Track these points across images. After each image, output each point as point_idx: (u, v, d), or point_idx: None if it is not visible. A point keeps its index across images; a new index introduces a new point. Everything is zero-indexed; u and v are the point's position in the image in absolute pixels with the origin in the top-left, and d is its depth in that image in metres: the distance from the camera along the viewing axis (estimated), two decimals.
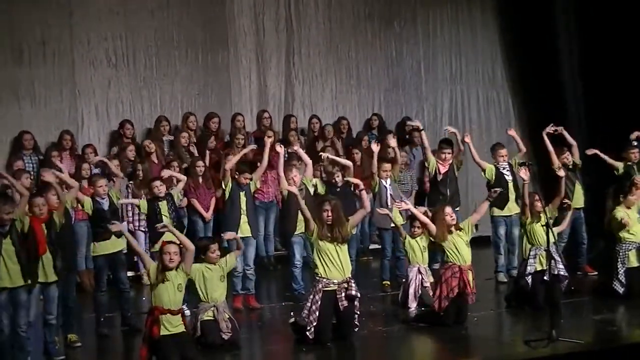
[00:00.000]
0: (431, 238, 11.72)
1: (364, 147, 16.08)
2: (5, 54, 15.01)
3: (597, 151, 14.37)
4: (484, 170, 14.07)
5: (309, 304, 10.60)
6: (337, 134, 16.64)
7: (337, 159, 13.74)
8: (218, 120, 15.81)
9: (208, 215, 14.66)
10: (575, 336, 10.52)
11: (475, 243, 13.72)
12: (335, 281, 10.63)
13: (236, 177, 12.76)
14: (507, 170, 13.98)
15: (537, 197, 11.97)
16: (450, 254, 11.30)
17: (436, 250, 12.37)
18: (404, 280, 12.76)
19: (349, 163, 13.59)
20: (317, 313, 10.51)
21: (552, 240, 11.23)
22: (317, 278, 10.67)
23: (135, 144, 15.12)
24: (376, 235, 16.23)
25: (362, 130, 17.16)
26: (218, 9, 16.61)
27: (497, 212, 13.91)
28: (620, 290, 12.40)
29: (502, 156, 14.09)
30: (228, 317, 10.69)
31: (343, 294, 10.62)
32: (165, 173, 12.99)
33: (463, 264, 11.24)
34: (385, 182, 13.53)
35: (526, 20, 18.27)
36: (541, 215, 11.76)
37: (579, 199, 14.30)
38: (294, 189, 11.46)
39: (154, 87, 16.06)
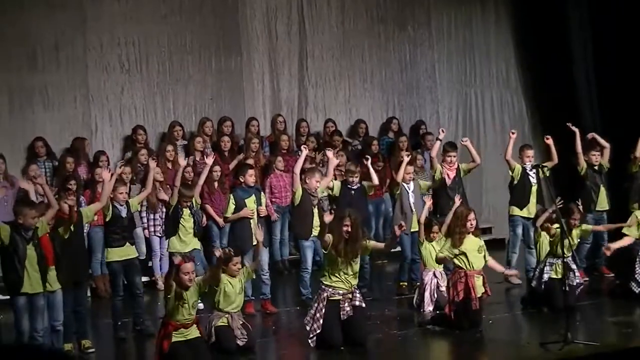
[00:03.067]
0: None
1: (374, 152, 16.04)
2: (19, 60, 15.04)
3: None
4: (512, 169, 13.97)
5: (312, 311, 10.65)
6: (355, 136, 16.63)
7: (372, 172, 13.63)
8: (231, 124, 15.80)
9: (222, 220, 14.63)
10: (591, 338, 10.50)
11: (490, 245, 13.73)
12: (340, 292, 10.63)
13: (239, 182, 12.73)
14: (533, 173, 13.90)
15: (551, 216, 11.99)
16: (458, 259, 11.27)
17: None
18: (418, 283, 12.77)
19: (375, 181, 13.55)
20: (321, 321, 10.53)
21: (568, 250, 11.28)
22: (323, 287, 10.69)
23: (148, 149, 15.13)
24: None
25: (374, 136, 17.07)
26: (231, 13, 16.62)
27: (516, 211, 13.85)
28: (637, 290, 12.34)
29: (529, 157, 14.01)
30: (242, 323, 10.67)
31: (347, 304, 10.60)
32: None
33: (470, 269, 11.20)
34: (408, 186, 13.49)
35: (540, 23, 18.25)
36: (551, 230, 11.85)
37: (602, 200, 14.28)
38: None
39: (167, 92, 16.06)
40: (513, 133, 14.12)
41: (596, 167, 14.26)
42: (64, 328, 10.59)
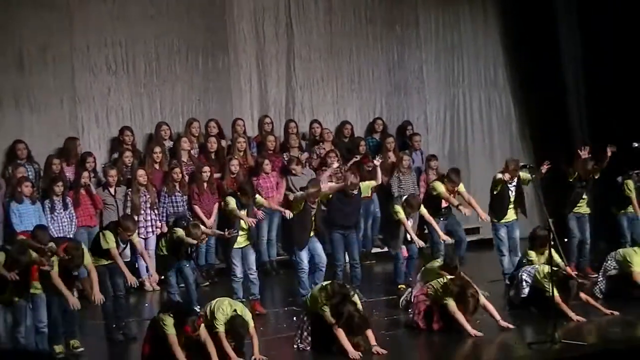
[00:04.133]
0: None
1: (361, 153, 16.06)
2: (5, 61, 14.95)
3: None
4: (497, 185, 13.91)
5: (299, 331, 10.74)
6: (340, 138, 16.63)
7: (378, 172, 13.81)
8: (216, 125, 15.76)
9: (210, 221, 14.67)
10: (578, 338, 10.51)
11: (477, 246, 13.77)
12: None
13: (238, 196, 12.67)
14: (513, 187, 13.90)
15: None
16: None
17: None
18: (410, 279, 13.00)
19: (379, 180, 13.87)
20: (310, 338, 10.63)
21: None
22: (306, 312, 10.80)
23: (135, 151, 15.11)
24: (379, 240, 16.27)
25: (361, 136, 17.08)
26: (218, 14, 16.56)
27: (496, 219, 13.89)
28: (600, 296, 12.53)
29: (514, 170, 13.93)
30: None
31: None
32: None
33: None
34: None
35: (528, 23, 18.26)
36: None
37: (584, 204, 14.30)
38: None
39: (154, 93, 16.00)
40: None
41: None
42: (53, 329, 10.61)
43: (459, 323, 10.97)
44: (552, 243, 11.28)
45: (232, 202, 12.48)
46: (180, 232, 12.33)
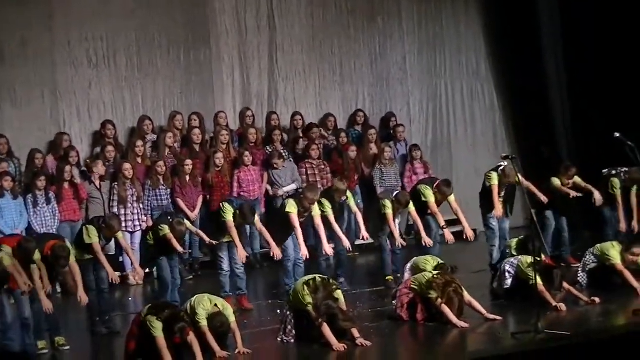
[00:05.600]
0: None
1: (342, 144, 16.10)
2: None
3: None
4: (490, 180, 13.87)
5: (283, 325, 10.73)
6: (324, 130, 16.64)
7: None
8: (197, 118, 15.72)
9: (193, 214, 14.67)
10: (561, 328, 10.54)
11: (460, 237, 13.77)
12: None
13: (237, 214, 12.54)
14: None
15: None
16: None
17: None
18: (399, 275, 12.95)
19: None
20: (294, 331, 10.63)
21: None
22: (289, 306, 10.78)
23: (117, 144, 15.07)
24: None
25: (343, 128, 17.09)
26: (199, 7, 16.52)
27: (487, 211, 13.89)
28: (584, 282, 12.61)
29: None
30: None
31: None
32: None
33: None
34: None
35: (510, 13, 18.30)
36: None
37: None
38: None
39: (135, 86, 15.95)
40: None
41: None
42: (35, 325, 10.57)
43: (444, 315, 10.98)
44: (535, 234, 11.28)
45: (229, 213, 12.42)
46: (166, 229, 12.23)
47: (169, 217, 12.53)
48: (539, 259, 11.29)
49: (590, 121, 16.94)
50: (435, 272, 11.45)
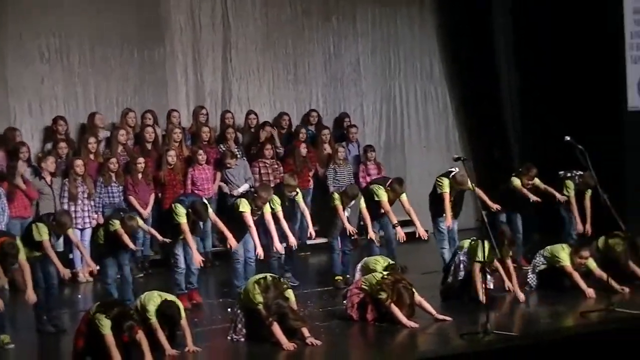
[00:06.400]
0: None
1: (300, 140, 16.12)
2: None
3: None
4: (442, 186, 13.88)
5: (233, 324, 10.71)
6: (277, 129, 16.61)
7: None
8: (151, 116, 15.66)
9: (146, 212, 14.63)
10: (510, 329, 10.62)
11: (412, 238, 13.82)
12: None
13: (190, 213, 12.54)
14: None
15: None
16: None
17: None
18: (348, 275, 13.07)
19: None
20: (245, 330, 10.61)
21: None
22: (239, 305, 10.75)
23: (69, 141, 14.98)
24: (315, 231, 16.30)
25: (300, 124, 17.12)
26: (154, 5, 16.45)
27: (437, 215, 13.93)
28: (533, 284, 12.74)
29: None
30: None
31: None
32: None
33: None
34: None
35: (464, 16, 18.37)
36: None
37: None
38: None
39: (88, 83, 15.84)
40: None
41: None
42: None
43: (394, 315, 11.01)
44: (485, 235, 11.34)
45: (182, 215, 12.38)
46: (117, 224, 12.15)
47: (121, 213, 12.46)
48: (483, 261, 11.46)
49: (543, 124, 17.04)
50: (385, 272, 11.48)
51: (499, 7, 18.29)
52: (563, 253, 12.55)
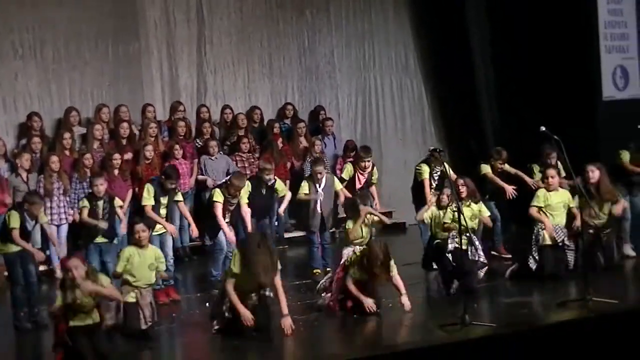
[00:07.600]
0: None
1: (274, 134, 16.13)
2: None
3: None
4: (421, 174, 13.91)
5: (216, 310, 10.67)
6: (250, 123, 16.59)
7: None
8: (127, 110, 15.60)
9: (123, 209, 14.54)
10: (488, 320, 10.67)
11: (390, 230, 13.84)
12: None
13: (162, 181, 12.66)
14: (436, 175, 13.94)
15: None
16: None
17: None
18: (328, 269, 13.06)
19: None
20: (227, 314, 10.55)
21: (470, 225, 11.67)
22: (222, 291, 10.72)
23: (44, 137, 14.92)
24: (290, 225, 16.34)
25: (273, 118, 17.10)
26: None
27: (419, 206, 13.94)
28: (534, 266, 12.62)
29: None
30: (150, 301, 10.57)
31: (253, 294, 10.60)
32: None
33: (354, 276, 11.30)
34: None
35: (439, 8, 18.41)
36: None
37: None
38: None
39: (62, 78, 15.79)
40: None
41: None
42: None
43: (352, 294, 11.11)
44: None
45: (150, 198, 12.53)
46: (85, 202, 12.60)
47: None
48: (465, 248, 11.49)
49: (519, 115, 17.09)
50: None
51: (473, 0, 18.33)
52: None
